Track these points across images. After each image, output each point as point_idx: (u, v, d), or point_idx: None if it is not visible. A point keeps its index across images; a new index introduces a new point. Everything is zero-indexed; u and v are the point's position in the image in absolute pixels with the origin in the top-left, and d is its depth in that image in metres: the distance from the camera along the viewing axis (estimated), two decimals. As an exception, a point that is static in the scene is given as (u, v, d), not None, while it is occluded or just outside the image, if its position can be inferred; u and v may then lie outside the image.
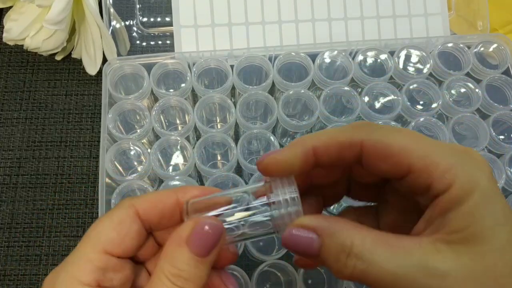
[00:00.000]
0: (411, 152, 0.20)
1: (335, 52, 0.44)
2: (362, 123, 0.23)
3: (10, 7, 0.47)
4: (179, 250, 0.21)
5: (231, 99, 0.42)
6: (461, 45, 0.45)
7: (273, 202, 0.22)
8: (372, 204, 0.27)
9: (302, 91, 0.42)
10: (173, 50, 0.48)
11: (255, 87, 0.42)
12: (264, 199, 0.23)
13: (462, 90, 0.44)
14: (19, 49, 0.51)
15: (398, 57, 0.44)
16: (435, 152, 0.20)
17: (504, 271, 0.18)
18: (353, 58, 0.44)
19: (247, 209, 0.23)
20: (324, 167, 0.23)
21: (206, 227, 0.21)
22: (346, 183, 0.26)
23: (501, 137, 0.42)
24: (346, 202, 0.32)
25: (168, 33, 0.51)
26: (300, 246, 0.21)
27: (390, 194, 0.25)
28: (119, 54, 0.48)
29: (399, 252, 0.19)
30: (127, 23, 0.50)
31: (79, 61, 0.50)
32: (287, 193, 0.22)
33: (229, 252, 0.24)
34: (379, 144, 0.21)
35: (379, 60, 0.45)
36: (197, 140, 0.40)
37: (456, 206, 0.19)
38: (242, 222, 0.23)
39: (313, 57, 0.43)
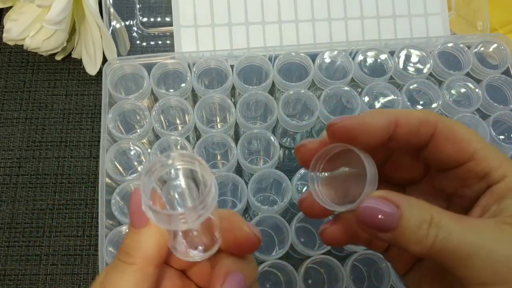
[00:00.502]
0: (474, 142, 0.22)
1: (335, 52, 0.44)
2: (430, 111, 0.23)
3: (10, 7, 0.47)
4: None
5: (231, 99, 0.42)
6: (461, 45, 0.45)
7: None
8: None
9: (302, 91, 0.42)
10: (173, 50, 0.48)
11: (255, 87, 0.42)
12: None
13: (462, 90, 0.44)
14: (19, 49, 0.51)
15: (398, 57, 0.44)
16: (490, 146, 0.22)
17: None
18: (353, 58, 0.44)
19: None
20: (395, 144, 0.23)
21: (133, 196, 0.21)
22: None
23: (501, 137, 0.42)
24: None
25: (168, 33, 0.51)
26: (378, 219, 0.20)
27: (418, 195, 0.25)
28: (119, 54, 0.48)
29: (471, 226, 0.20)
30: (127, 23, 0.50)
31: (79, 61, 0.50)
32: (371, 165, 0.21)
33: (245, 236, 0.22)
34: (450, 129, 0.22)
35: (379, 60, 0.45)
36: (197, 140, 0.40)
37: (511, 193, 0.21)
38: None
39: (313, 57, 0.43)
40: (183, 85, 0.42)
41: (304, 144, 0.24)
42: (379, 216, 0.20)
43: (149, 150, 0.39)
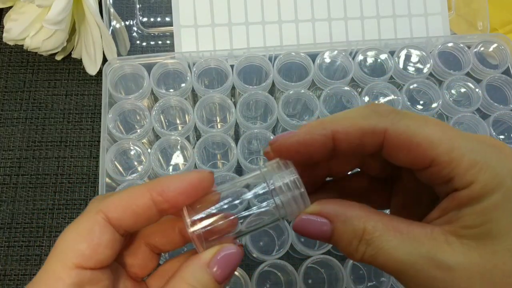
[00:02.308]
0: (436, 145, 0.19)
1: (335, 52, 0.44)
2: (386, 109, 0.21)
3: (10, 7, 0.47)
4: (200, 271, 0.21)
5: (231, 99, 0.42)
6: (461, 45, 0.45)
7: (274, 189, 0.21)
8: None
9: (302, 91, 0.42)
10: (173, 50, 0.48)
11: (255, 87, 0.42)
12: (262, 186, 0.22)
13: (462, 90, 0.44)
14: (19, 49, 0.51)
15: (398, 57, 0.44)
16: (462, 146, 0.19)
17: None
18: (353, 58, 0.44)
19: (249, 204, 0.22)
20: (342, 155, 0.22)
21: (230, 254, 0.21)
22: (358, 162, 0.25)
23: (501, 137, 0.42)
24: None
25: (168, 33, 0.51)
26: (311, 232, 0.21)
27: (405, 176, 0.24)
28: (119, 54, 0.48)
29: (409, 240, 0.19)
30: (127, 23, 0.50)
31: (79, 61, 0.50)
32: (286, 177, 0.21)
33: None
34: (404, 135, 0.20)
35: (379, 60, 0.45)
36: (197, 140, 0.40)
37: (475, 202, 0.19)
38: (248, 218, 0.22)
39: (313, 57, 0.43)
40: (183, 85, 0.42)
41: (274, 142, 0.23)
42: (312, 230, 0.21)
43: (149, 150, 0.39)
